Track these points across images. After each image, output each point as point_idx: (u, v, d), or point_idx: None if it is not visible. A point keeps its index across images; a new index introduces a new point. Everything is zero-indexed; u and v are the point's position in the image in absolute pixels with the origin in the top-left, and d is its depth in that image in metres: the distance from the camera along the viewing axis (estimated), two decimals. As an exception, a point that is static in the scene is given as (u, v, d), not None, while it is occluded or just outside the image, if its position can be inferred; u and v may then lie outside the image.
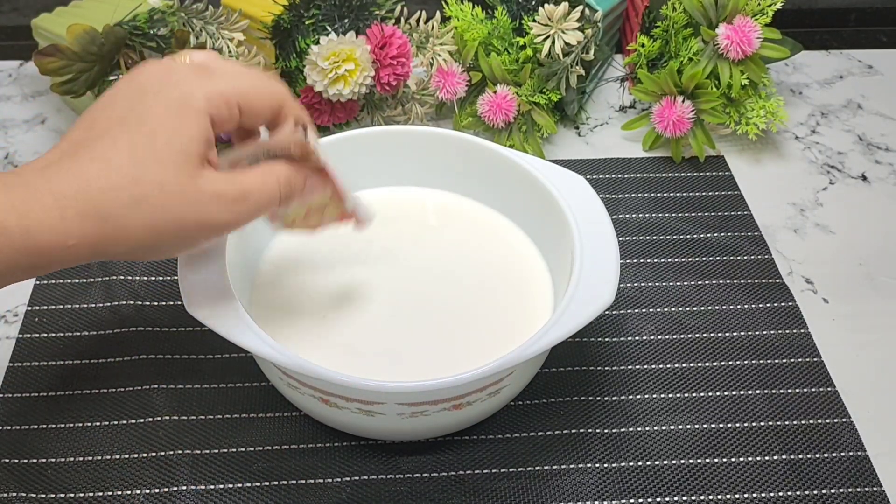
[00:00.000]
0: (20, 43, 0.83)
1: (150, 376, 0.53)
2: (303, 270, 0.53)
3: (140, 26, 0.64)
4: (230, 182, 0.39)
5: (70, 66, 0.60)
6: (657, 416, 0.52)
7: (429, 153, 0.57)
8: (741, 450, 0.51)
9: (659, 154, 0.72)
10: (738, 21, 0.68)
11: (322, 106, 0.67)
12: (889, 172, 0.71)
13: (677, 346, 0.57)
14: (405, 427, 0.47)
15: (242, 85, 0.39)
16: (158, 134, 0.37)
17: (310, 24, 0.66)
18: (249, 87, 0.40)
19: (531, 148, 0.69)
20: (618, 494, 0.49)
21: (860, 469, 0.50)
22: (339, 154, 0.55)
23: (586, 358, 0.55)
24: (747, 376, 0.55)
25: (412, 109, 0.70)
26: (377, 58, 0.65)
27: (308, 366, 0.42)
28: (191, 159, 0.37)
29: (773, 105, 0.69)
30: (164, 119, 0.37)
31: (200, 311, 0.44)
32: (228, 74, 0.39)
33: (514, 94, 0.68)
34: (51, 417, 0.51)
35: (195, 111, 0.37)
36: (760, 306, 0.59)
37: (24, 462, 0.49)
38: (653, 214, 0.66)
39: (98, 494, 0.48)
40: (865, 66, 0.84)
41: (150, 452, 0.50)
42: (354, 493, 0.48)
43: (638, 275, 0.61)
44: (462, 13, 0.70)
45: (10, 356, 0.54)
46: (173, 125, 0.37)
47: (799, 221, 0.67)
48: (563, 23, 0.66)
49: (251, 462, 0.50)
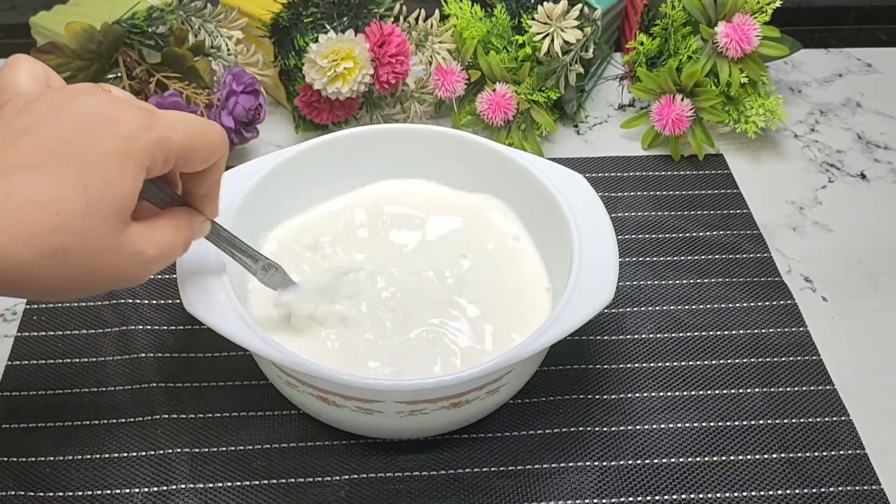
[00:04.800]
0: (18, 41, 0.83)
1: (149, 374, 0.53)
2: (302, 269, 0.53)
3: (139, 24, 0.64)
4: (148, 240, 0.37)
5: (68, 64, 0.60)
6: (656, 415, 0.52)
7: (428, 151, 0.57)
8: (740, 448, 0.51)
9: (658, 152, 0.72)
10: (737, 19, 0.67)
11: (321, 104, 0.66)
12: (888, 171, 0.71)
13: (676, 344, 0.57)
14: (404, 425, 0.47)
15: (185, 136, 0.37)
16: (92, 184, 0.33)
17: (308, 23, 0.66)
18: (191, 139, 0.37)
19: (530, 146, 0.69)
20: (617, 493, 0.49)
21: (859, 467, 0.50)
22: (338, 152, 0.55)
23: (585, 356, 0.55)
24: (746, 374, 0.55)
25: (411, 108, 0.70)
26: (376, 56, 0.65)
27: (307, 364, 0.42)
28: (119, 216, 0.35)
29: (773, 103, 0.69)
30: (101, 166, 0.34)
31: (199, 310, 0.44)
32: (172, 123, 0.37)
33: (513, 92, 0.68)
34: (49, 416, 0.51)
35: (135, 163, 0.35)
36: (759, 304, 0.59)
37: (23, 461, 0.49)
38: (652, 213, 0.66)
39: (97, 493, 0.48)
40: (864, 64, 0.84)
41: (148, 451, 0.50)
42: (353, 492, 0.48)
43: (637, 273, 0.61)
44: (461, 11, 0.70)
45: (9, 354, 0.54)
46: (109, 176, 0.34)
47: (798, 220, 0.67)
48: (563, 21, 0.66)
49: (250, 460, 0.50)
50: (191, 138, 0.37)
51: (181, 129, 0.37)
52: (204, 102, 0.62)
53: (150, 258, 0.37)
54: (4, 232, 0.32)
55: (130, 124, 0.35)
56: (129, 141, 0.34)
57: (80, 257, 0.34)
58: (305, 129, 0.71)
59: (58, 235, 0.33)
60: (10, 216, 0.32)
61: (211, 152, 0.39)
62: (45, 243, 0.33)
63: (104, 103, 0.35)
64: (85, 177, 0.33)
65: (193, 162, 0.38)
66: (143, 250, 0.37)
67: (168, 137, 0.36)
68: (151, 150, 0.35)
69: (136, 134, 0.35)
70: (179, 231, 0.40)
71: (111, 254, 0.35)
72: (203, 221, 0.42)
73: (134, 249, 0.36)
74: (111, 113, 0.35)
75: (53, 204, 0.33)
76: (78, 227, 0.33)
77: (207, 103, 0.62)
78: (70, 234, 0.33)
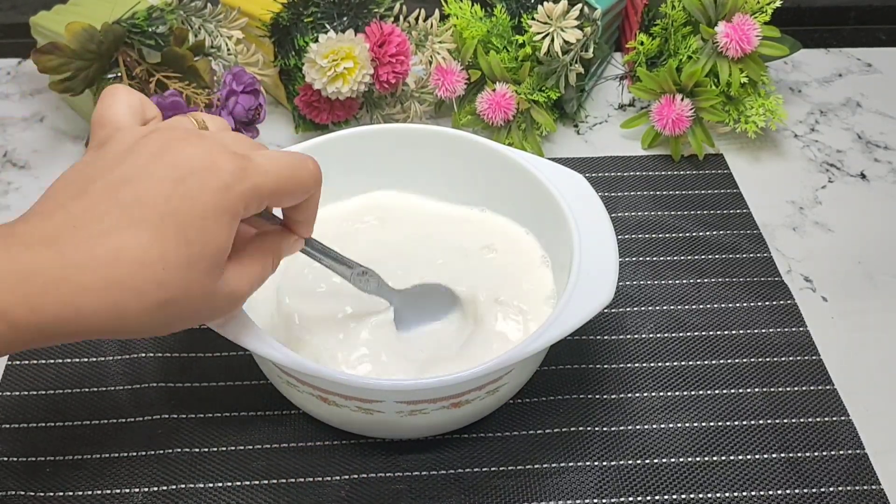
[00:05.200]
0: (19, 41, 0.83)
1: (150, 375, 0.53)
2: (302, 269, 0.53)
3: (139, 24, 0.64)
4: (240, 279, 0.38)
5: (68, 63, 0.60)
6: (656, 414, 0.52)
7: (428, 151, 0.57)
8: (740, 448, 0.51)
9: (658, 152, 0.72)
10: (737, 19, 0.67)
11: (321, 104, 0.66)
12: (888, 171, 0.71)
13: (676, 344, 0.57)
14: (404, 425, 0.47)
15: (277, 180, 0.37)
16: (193, 239, 0.35)
17: (308, 22, 0.66)
18: (284, 183, 0.38)
19: (530, 146, 0.69)
20: (617, 492, 0.49)
21: (859, 467, 0.50)
22: (337, 152, 0.55)
23: (585, 356, 0.55)
24: (746, 374, 0.55)
25: (411, 107, 0.70)
26: (376, 56, 0.65)
27: (307, 364, 0.42)
28: (218, 265, 0.36)
29: (773, 103, 0.69)
30: (200, 221, 0.35)
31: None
32: (265, 168, 0.37)
33: (513, 92, 0.68)
34: (49, 416, 0.51)
35: (230, 215, 0.36)
36: (759, 304, 0.59)
37: (23, 460, 0.49)
38: (652, 212, 0.66)
39: (97, 493, 0.48)
40: (864, 64, 0.84)
41: (149, 451, 0.50)
42: (353, 491, 0.48)
43: (637, 273, 0.61)
44: (461, 11, 0.70)
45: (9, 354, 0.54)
46: (208, 229, 0.35)
47: (798, 219, 0.67)
48: (563, 21, 0.66)
49: (250, 460, 0.50)
50: (284, 182, 0.38)
51: (273, 173, 0.37)
52: (204, 102, 0.62)
53: (243, 294, 0.39)
54: (117, 287, 0.34)
55: (226, 177, 0.35)
56: (225, 194, 0.35)
57: (183, 306, 0.36)
58: (305, 129, 0.71)
59: (164, 290, 0.35)
60: (122, 274, 0.34)
61: (304, 191, 0.40)
62: (153, 297, 0.34)
63: (202, 154, 0.36)
64: (185, 232, 0.35)
65: (286, 201, 0.39)
66: (237, 289, 0.38)
67: (261, 185, 0.37)
68: (246, 201, 0.36)
69: (230, 185, 0.35)
70: (268, 259, 0.41)
71: (210, 299, 0.37)
72: (296, 241, 0.43)
73: (229, 290, 0.38)
74: (208, 164, 0.35)
75: (159, 261, 0.34)
76: (181, 280, 0.35)
77: (207, 103, 0.62)
78: (175, 288, 0.35)
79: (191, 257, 0.35)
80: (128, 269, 0.34)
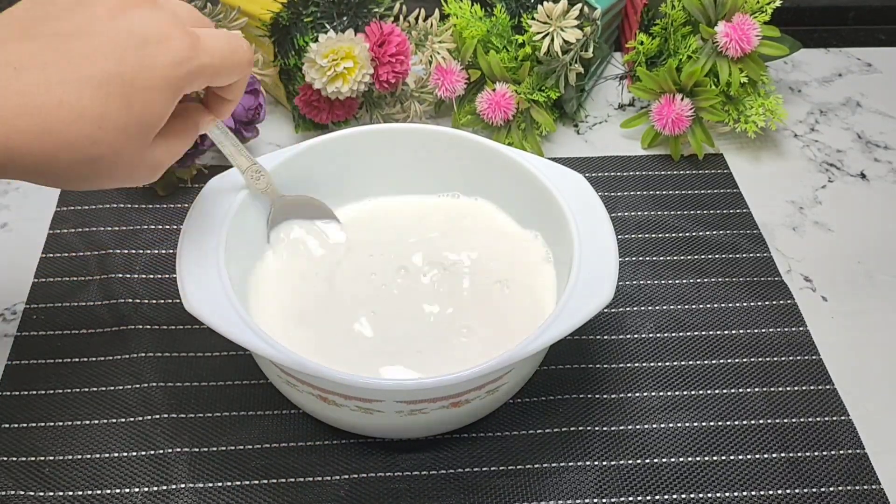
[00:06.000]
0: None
1: (149, 374, 0.53)
2: (301, 268, 0.53)
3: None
4: (166, 152, 0.40)
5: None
6: (656, 414, 0.52)
7: (427, 151, 0.57)
8: (740, 448, 0.51)
9: (658, 152, 0.72)
10: (737, 19, 0.67)
11: (321, 103, 0.66)
12: (888, 170, 0.71)
13: (676, 343, 0.57)
14: (404, 425, 0.47)
15: (220, 60, 0.39)
16: (134, 105, 0.36)
17: (308, 22, 0.66)
18: (224, 62, 0.39)
19: (530, 146, 0.69)
20: (617, 492, 0.49)
21: (859, 467, 0.50)
22: (337, 152, 0.55)
23: (585, 355, 0.55)
24: (746, 374, 0.55)
25: (411, 107, 0.70)
26: (376, 55, 0.65)
27: (307, 363, 0.42)
28: (150, 135, 0.37)
29: (772, 103, 0.69)
30: (146, 90, 0.36)
31: (199, 309, 0.44)
32: (211, 48, 0.38)
33: (513, 91, 0.68)
34: (49, 415, 0.51)
35: (173, 90, 0.37)
36: (759, 304, 0.59)
37: (23, 460, 0.49)
38: (652, 212, 0.66)
39: (96, 492, 0.48)
40: (864, 64, 0.84)
41: (148, 450, 0.50)
42: (353, 491, 0.48)
43: (637, 273, 0.61)
44: (461, 11, 0.70)
45: (9, 354, 0.54)
46: (150, 99, 0.36)
47: (798, 219, 0.67)
48: (562, 20, 0.66)
49: (249, 460, 0.50)
50: (225, 63, 0.39)
51: (218, 54, 0.39)
52: (204, 102, 0.62)
53: (164, 165, 0.40)
54: (51, 136, 0.34)
55: (179, 53, 0.36)
56: (175, 69, 0.36)
57: (109, 166, 0.37)
58: (305, 129, 0.71)
59: (96, 147, 0.35)
60: (58, 125, 0.34)
61: (239, 72, 0.41)
62: (84, 153, 0.35)
63: (157, 24, 0.36)
64: (129, 98, 0.35)
65: (222, 81, 0.40)
66: (160, 160, 0.39)
67: (206, 65, 0.38)
68: (191, 79, 0.37)
69: (181, 62, 0.36)
70: (189, 134, 0.42)
71: (135, 166, 0.38)
72: (212, 120, 0.44)
73: (153, 160, 0.39)
74: (163, 36, 0.36)
75: (97, 119, 0.35)
76: (114, 142, 0.36)
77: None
78: (106, 147, 0.36)
79: (129, 123, 0.36)
80: (65, 122, 0.34)
